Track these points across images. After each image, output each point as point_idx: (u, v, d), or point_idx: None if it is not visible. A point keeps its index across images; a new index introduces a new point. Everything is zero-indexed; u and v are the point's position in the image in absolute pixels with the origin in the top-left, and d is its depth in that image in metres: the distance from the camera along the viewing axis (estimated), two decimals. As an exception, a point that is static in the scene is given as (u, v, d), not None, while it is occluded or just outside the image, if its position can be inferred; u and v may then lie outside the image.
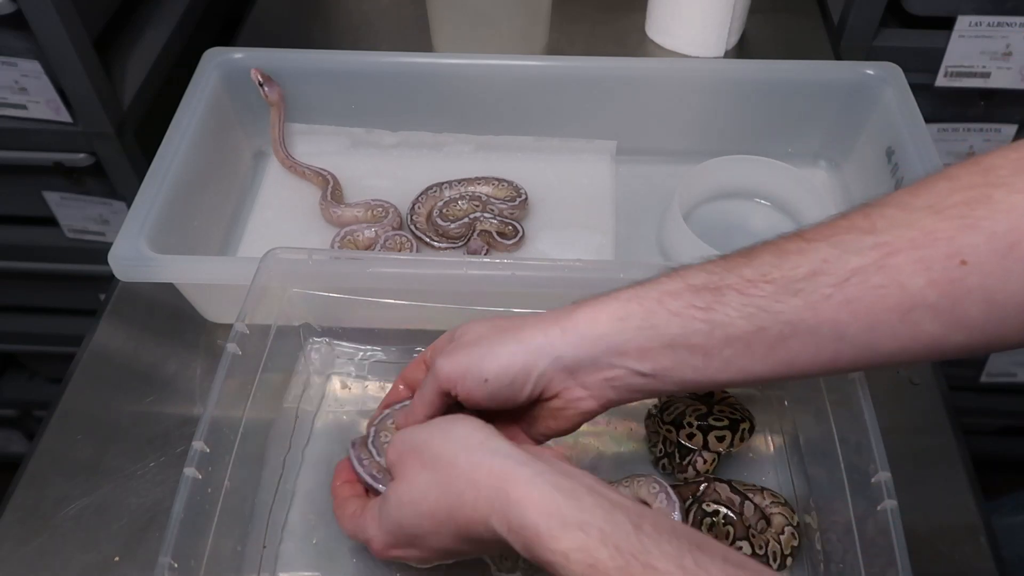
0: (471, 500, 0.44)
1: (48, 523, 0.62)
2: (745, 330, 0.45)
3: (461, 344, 0.51)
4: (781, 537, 0.57)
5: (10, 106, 1.00)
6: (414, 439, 0.49)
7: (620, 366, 0.48)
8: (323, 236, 0.78)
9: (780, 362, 0.46)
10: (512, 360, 0.49)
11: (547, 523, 0.41)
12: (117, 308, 0.76)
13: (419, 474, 0.48)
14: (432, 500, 0.46)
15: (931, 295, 0.42)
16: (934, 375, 0.70)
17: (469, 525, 0.45)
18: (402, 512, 0.48)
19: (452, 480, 0.46)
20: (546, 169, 0.84)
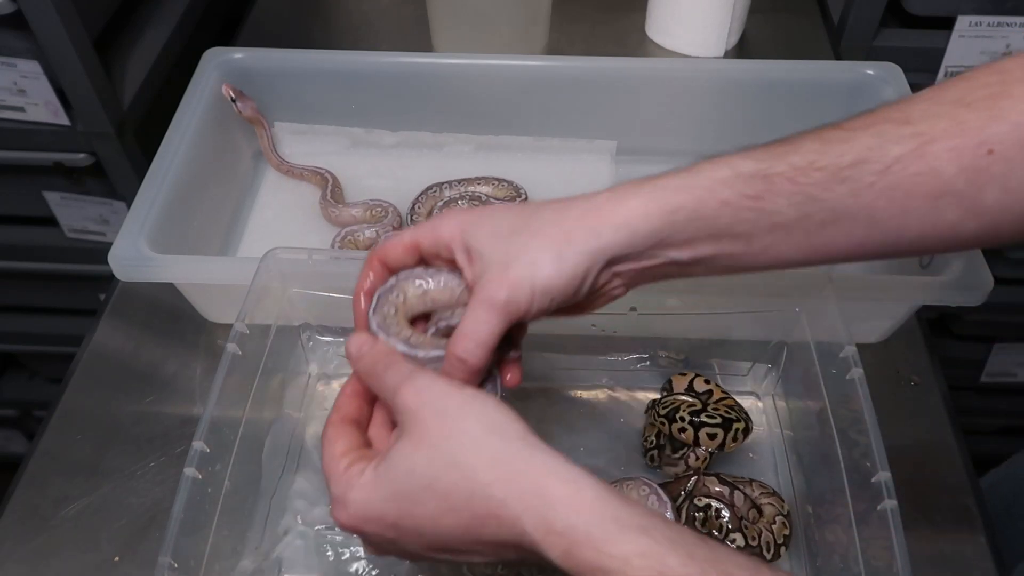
0: (500, 493, 0.40)
1: (48, 523, 0.62)
2: (791, 217, 0.46)
3: (514, 265, 0.45)
4: (773, 527, 0.57)
5: (8, 108, 0.99)
6: (445, 400, 0.43)
7: (661, 256, 0.47)
8: (323, 236, 0.78)
9: (813, 248, 0.47)
10: (576, 265, 0.45)
11: (602, 525, 0.38)
12: (117, 308, 0.76)
13: (442, 441, 0.42)
14: (452, 480, 0.41)
15: (960, 182, 0.44)
16: (934, 375, 0.70)
17: (488, 519, 0.40)
18: (411, 482, 0.42)
19: (481, 466, 0.41)
20: (546, 169, 0.84)
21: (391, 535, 0.43)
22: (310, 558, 0.59)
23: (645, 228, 0.46)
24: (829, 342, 0.58)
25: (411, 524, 0.42)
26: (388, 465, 0.43)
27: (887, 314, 0.69)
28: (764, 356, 0.67)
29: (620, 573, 0.37)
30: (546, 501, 0.39)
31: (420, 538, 0.43)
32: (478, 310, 0.46)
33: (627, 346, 0.68)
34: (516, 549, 0.41)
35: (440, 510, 0.41)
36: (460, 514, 0.41)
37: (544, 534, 0.39)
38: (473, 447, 0.41)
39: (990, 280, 0.62)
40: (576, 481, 0.40)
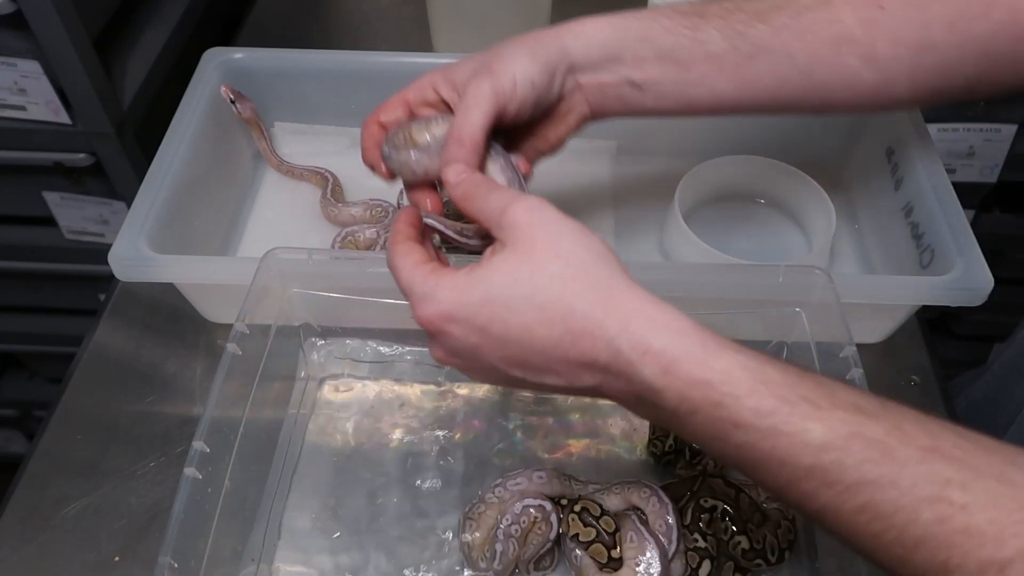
0: (599, 313, 0.41)
1: (48, 523, 0.62)
2: (721, 48, 0.55)
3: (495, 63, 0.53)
4: (778, 531, 0.57)
5: (9, 107, 0.99)
6: (558, 223, 0.45)
7: (616, 72, 0.56)
8: (323, 236, 0.78)
9: (743, 81, 0.56)
10: (548, 58, 0.54)
11: (701, 344, 0.40)
12: (117, 308, 0.76)
13: (549, 260, 0.43)
14: (554, 294, 0.42)
15: (858, 31, 0.55)
16: (934, 375, 0.70)
17: (582, 336, 0.41)
18: (511, 290, 0.43)
19: (584, 287, 0.42)
20: (546, 169, 0.84)
21: (474, 339, 0.44)
22: (310, 558, 0.59)
23: (600, 39, 0.55)
24: (829, 342, 0.58)
25: (500, 330, 0.43)
26: (487, 270, 0.44)
27: (887, 314, 0.69)
28: (764, 356, 0.67)
29: (722, 384, 0.39)
30: (645, 323, 0.41)
31: (503, 347, 0.43)
32: (468, 98, 0.53)
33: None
34: (601, 372, 0.42)
35: (536, 320, 0.42)
36: (554, 327, 0.42)
37: (641, 354, 0.40)
38: (579, 268, 0.43)
39: (990, 280, 0.62)
40: (671, 310, 0.42)
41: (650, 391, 0.41)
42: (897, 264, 0.71)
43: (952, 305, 0.63)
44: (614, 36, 0.55)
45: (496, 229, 0.46)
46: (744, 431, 0.39)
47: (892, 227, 0.73)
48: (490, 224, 0.46)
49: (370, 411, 0.67)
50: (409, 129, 0.56)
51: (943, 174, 0.70)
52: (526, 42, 0.55)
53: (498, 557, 0.55)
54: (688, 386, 0.40)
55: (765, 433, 0.38)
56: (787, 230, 0.80)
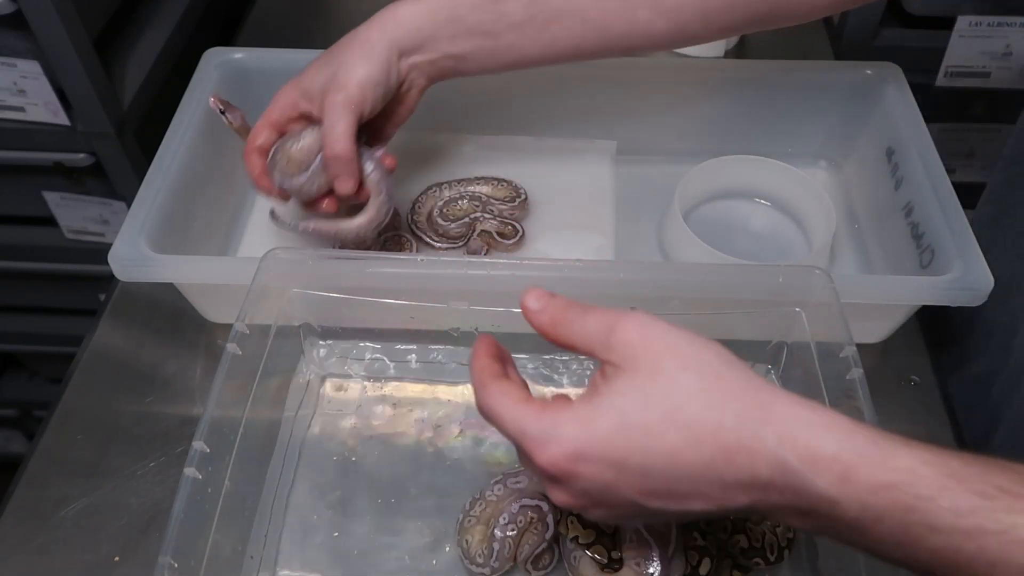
0: (753, 423, 0.37)
1: (48, 523, 0.62)
2: (522, 17, 0.62)
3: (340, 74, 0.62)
4: (777, 530, 0.57)
5: (8, 108, 0.99)
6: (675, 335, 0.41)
7: (437, 50, 0.64)
8: (323, 236, 0.78)
9: (545, 43, 0.64)
10: (381, 56, 0.62)
11: (873, 443, 0.36)
12: (117, 308, 0.76)
13: (680, 374, 0.39)
14: (696, 410, 0.38)
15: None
16: (934, 375, 0.70)
17: (737, 453, 0.37)
18: (646, 413, 0.38)
19: (728, 396, 0.38)
20: (546, 169, 0.84)
21: (609, 476, 0.39)
22: (310, 558, 0.59)
23: (416, 24, 0.62)
24: (829, 342, 0.58)
25: (639, 461, 0.38)
26: (612, 396, 0.39)
27: (887, 314, 0.69)
28: (764, 356, 0.67)
29: (909, 485, 0.36)
30: (806, 427, 0.37)
31: (644, 479, 0.39)
32: (329, 114, 0.62)
33: (627, 346, 0.68)
34: (761, 489, 0.38)
35: (681, 443, 0.38)
36: (704, 447, 0.38)
37: (812, 462, 0.37)
38: (714, 377, 0.39)
39: (990, 280, 0.62)
40: (823, 408, 0.38)
41: (825, 503, 0.37)
42: (897, 264, 0.71)
43: (952, 305, 0.63)
44: (428, 20, 0.62)
45: (604, 351, 0.41)
46: (943, 534, 0.35)
47: (892, 227, 0.73)
48: (594, 347, 0.42)
49: (370, 411, 0.67)
50: (287, 150, 0.66)
51: (943, 174, 0.70)
52: (358, 45, 0.62)
53: (495, 555, 0.55)
54: (870, 492, 0.36)
55: (970, 534, 0.35)
56: (787, 230, 0.80)
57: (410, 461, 0.64)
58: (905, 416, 0.68)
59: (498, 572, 0.56)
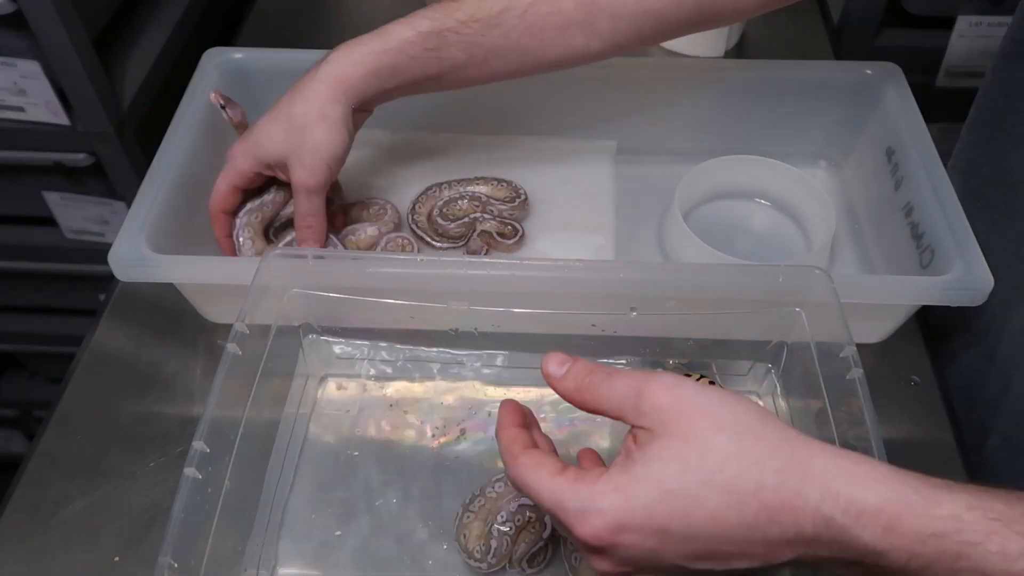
0: (794, 481, 0.37)
1: (48, 523, 0.62)
2: (462, 59, 0.64)
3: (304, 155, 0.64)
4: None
5: (8, 108, 1.00)
6: (705, 395, 0.41)
7: (387, 95, 0.67)
8: (323, 236, 0.78)
9: (486, 75, 0.66)
10: (341, 130, 0.64)
11: (916, 491, 0.37)
12: (117, 308, 0.76)
13: (715, 436, 0.39)
14: (735, 472, 0.38)
15: (579, 15, 0.63)
16: (934, 375, 0.70)
17: (780, 511, 0.37)
18: (685, 479, 0.38)
19: (766, 454, 0.38)
20: (546, 169, 0.84)
21: (652, 543, 0.39)
22: (310, 558, 0.60)
23: (364, 87, 0.65)
24: (829, 342, 0.58)
25: (683, 526, 0.38)
26: (648, 463, 0.39)
27: (887, 314, 0.69)
28: (764, 356, 0.67)
29: (955, 532, 0.36)
30: (847, 479, 0.37)
31: (688, 543, 0.39)
32: (300, 197, 0.66)
33: (627, 346, 0.68)
34: (807, 544, 0.38)
35: (723, 506, 0.38)
36: (746, 508, 0.37)
37: (856, 516, 0.37)
38: (750, 435, 0.39)
39: (990, 280, 0.62)
40: (862, 458, 0.38)
41: (872, 554, 0.37)
42: (897, 264, 0.71)
43: (952, 305, 0.63)
44: (375, 79, 0.64)
45: (635, 416, 0.41)
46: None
47: (892, 227, 0.73)
48: (624, 412, 0.42)
49: (370, 411, 0.67)
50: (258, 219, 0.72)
51: (943, 174, 0.70)
52: (318, 119, 0.63)
53: (492, 551, 0.55)
54: (917, 542, 0.36)
55: None
56: (787, 230, 0.80)
57: (410, 461, 0.64)
58: (905, 416, 0.68)
59: (495, 568, 0.57)
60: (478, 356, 0.69)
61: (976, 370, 0.71)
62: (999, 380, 0.69)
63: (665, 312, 0.63)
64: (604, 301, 0.64)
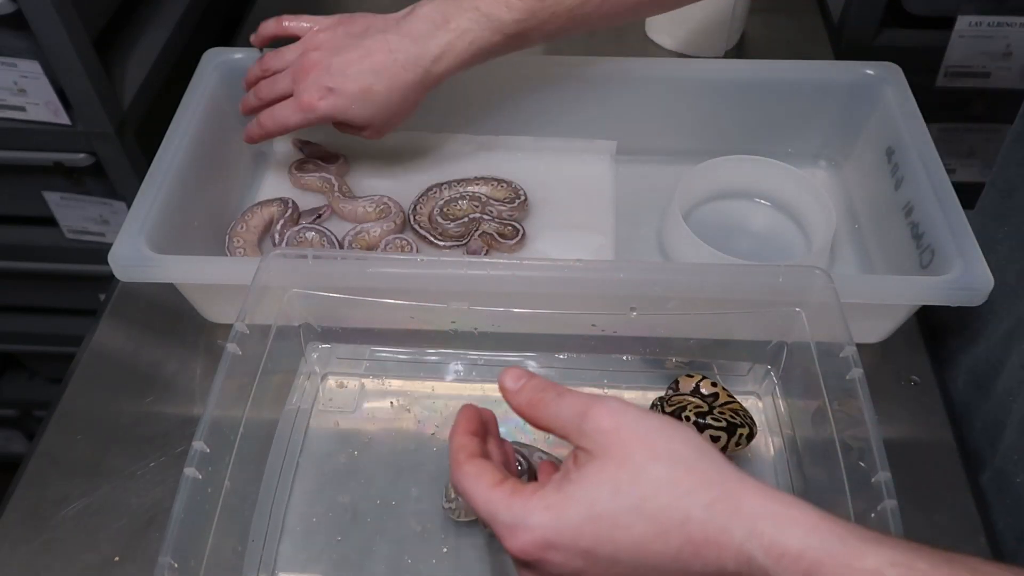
0: (721, 517, 0.37)
1: (48, 523, 0.62)
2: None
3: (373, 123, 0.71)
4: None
5: (9, 108, 1.00)
6: (646, 421, 0.41)
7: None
8: (323, 236, 0.78)
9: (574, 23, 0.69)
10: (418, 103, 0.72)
11: (842, 541, 0.36)
12: (117, 308, 0.76)
13: (650, 464, 0.39)
14: (664, 502, 0.38)
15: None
16: (934, 375, 0.70)
17: (705, 546, 0.38)
18: (614, 503, 0.39)
19: (697, 487, 0.38)
20: (546, 169, 0.84)
21: (578, 563, 0.39)
22: (310, 558, 0.60)
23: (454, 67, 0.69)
24: (829, 342, 0.58)
25: (608, 551, 0.39)
26: (582, 484, 0.40)
27: (887, 314, 0.69)
28: (764, 356, 0.67)
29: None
30: (773, 521, 0.37)
31: (612, 567, 0.39)
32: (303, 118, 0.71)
33: (627, 346, 0.68)
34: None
35: (649, 535, 0.38)
36: (671, 539, 0.38)
37: (777, 558, 0.36)
38: (684, 467, 0.39)
39: (990, 280, 0.62)
40: (795, 501, 0.38)
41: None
42: (897, 264, 0.71)
43: (952, 305, 0.63)
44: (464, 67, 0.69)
45: (577, 436, 0.42)
46: None
47: (892, 227, 0.73)
48: (568, 432, 0.42)
49: (370, 411, 0.67)
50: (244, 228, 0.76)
51: (943, 174, 0.70)
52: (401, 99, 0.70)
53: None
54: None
55: None
56: (787, 230, 0.80)
57: (410, 461, 0.64)
58: (905, 416, 0.68)
59: (465, 513, 0.59)
60: (478, 356, 0.69)
61: (976, 370, 0.71)
62: (999, 380, 0.69)
63: (665, 312, 0.63)
64: (604, 301, 0.64)
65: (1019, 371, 0.65)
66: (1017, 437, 0.64)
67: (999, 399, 0.67)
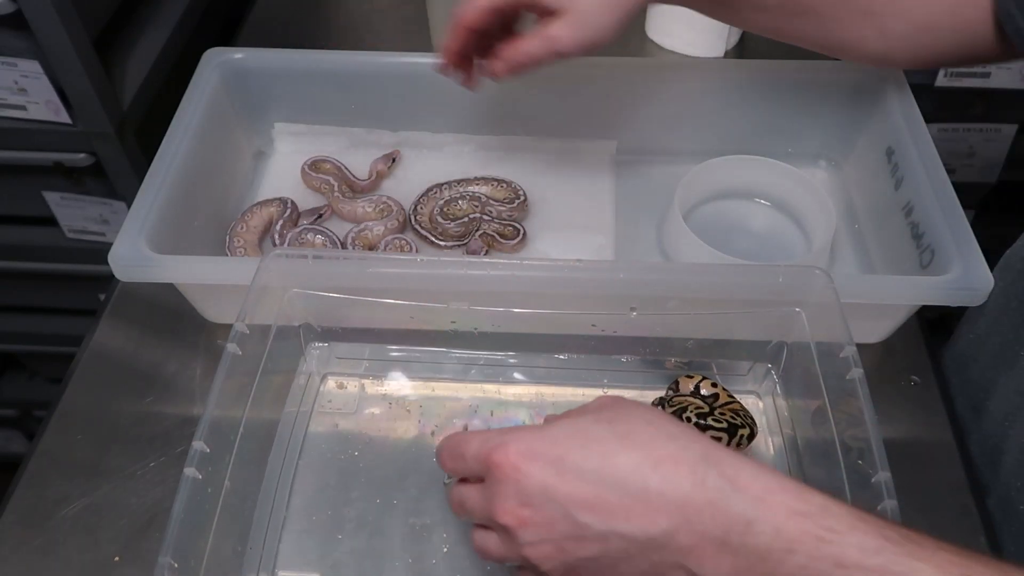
0: (684, 438, 0.42)
1: (48, 523, 0.62)
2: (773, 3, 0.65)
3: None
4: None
5: (10, 107, 1.00)
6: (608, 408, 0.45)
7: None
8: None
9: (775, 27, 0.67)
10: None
11: (790, 479, 0.40)
12: (117, 308, 0.76)
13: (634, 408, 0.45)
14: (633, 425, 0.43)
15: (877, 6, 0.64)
16: (934, 375, 0.70)
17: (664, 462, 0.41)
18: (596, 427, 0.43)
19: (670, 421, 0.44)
20: (546, 169, 0.84)
21: (549, 474, 0.42)
22: (310, 558, 0.60)
23: None
24: (829, 342, 0.58)
25: (577, 458, 0.42)
26: (569, 415, 0.46)
27: (887, 314, 0.69)
28: (764, 356, 0.67)
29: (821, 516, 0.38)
30: (734, 458, 0.41)
31: (579, 478, 0.42)
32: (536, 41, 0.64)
33: (627, 346, 0.68)
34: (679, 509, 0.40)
35: (617, 446, 0.42)
36: (634, 452, 0.41)
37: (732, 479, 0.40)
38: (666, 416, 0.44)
39: (990, 280, 0.62)
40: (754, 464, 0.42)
41: (740, 523, 0.38)
42: (897, 264, 0.71)
43: (952, 305, 0.63)
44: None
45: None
46: (849, 571, 0.36)
47: (892, 227, 0.73)
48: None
49: (370, 411, 0.67)
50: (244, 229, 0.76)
51: (943, 174, 0.70)
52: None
53: None
54: (785, 516, 0.38)
55: (873, 572, 0.36)
56: (787, 230, 0.80)
57: (410, 461, 0.64)
58: (905, 416, 0.68)
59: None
60: (478, 356, 0.69)
61: (975, 370, 0.71)
62: (998, 379, 0.69)
63: (665, 312, 0.63)
64: (604, 301, 0.64)
65: (1014, 396, 0.65)
66: (1016, 466, 0.64)
67: (996, 423, 0.67)
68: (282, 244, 0.76)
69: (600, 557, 0.42)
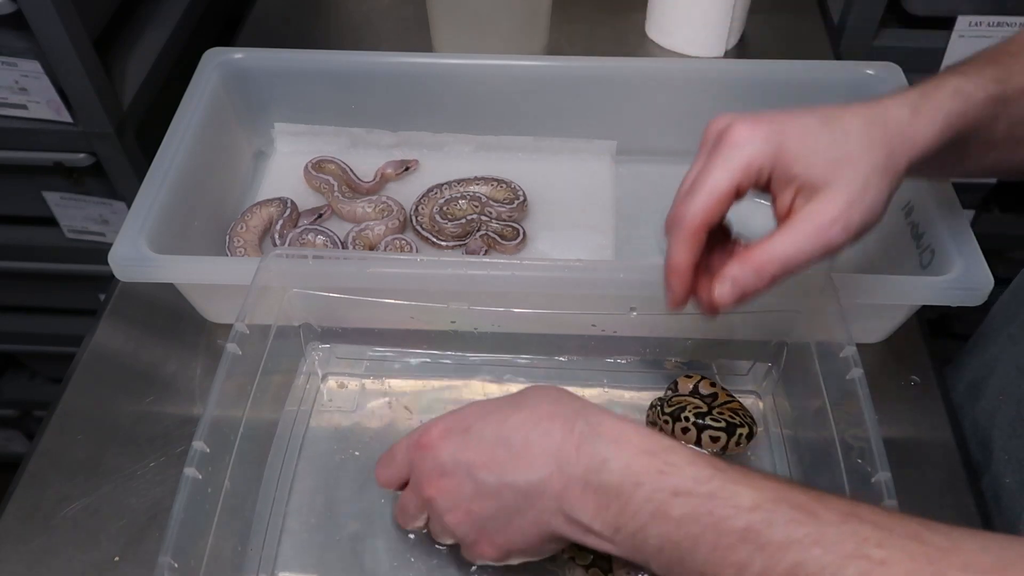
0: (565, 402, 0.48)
1: (48, 523, 0.62)
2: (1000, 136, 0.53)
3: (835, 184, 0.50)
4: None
5: (10, 106, 1.00)
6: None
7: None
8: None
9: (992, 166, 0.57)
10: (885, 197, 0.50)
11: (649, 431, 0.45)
12: (117, 308, 0.76)
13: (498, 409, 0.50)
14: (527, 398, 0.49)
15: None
16: (934, 375, 0.70)
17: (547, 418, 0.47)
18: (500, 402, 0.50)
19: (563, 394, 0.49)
20: (546, 169, 0.84)
21: (457, 442, 0.48)
22: (310, 558, 0.60)
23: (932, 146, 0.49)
24: (829, 342, 0.58)
25: (480, 426, 0.48)
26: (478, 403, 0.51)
27: (887, 314, 0.69)
28: (764, 356, 0.67)
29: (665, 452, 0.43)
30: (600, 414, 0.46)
31: (479, 444, 0.48)
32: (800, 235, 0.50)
33: (627, 346, 0.68)
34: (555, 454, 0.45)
35: (511, 411, 0.48)
36: (523, 410, 0.48)
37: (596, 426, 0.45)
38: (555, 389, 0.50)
39: (990, 280, 0.62)
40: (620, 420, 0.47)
41: (598, 461, 0.44)
42: (897, 264, 0.71)
43: (952, 305, 0.63)
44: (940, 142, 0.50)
45: None
46: (685, 499, 0.41)
47: (892, 227, 0.73)
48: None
49: (370, 411, 0.67)
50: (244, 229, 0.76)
51: (943, 174, 0.70)
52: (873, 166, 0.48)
53: None
54: (634, 455, 0.43)
55: (704, 498, 0.41)
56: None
57: (410, 461, 0.64)
58: (905, 416, 0.68)
59: None
60: (478, 356, 0.69)
61: (976, 370, 0.71)
62: (998, 379, 0.69)
63: (665, 312, 0.63)
64: (604, 301, 0.64)
65: (1012, 371, 0.65)
66: (1006, 439, 0.64)
67: (990, 400, 0.67)
68: (282, 244, 0.76)
69: (498, 513, 0.47)
